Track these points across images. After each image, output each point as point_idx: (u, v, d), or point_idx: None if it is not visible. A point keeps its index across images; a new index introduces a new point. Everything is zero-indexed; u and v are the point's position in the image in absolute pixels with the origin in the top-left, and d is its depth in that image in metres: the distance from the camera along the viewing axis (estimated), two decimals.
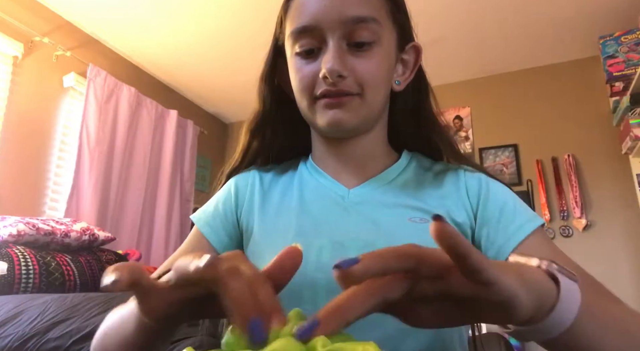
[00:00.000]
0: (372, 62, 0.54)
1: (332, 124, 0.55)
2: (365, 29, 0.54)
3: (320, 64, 0.54)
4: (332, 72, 0.52)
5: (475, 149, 2.91)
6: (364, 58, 0.54)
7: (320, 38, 0.54)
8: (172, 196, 2.93)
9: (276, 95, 0.65)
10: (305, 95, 0.56)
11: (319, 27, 0.54)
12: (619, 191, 2.51)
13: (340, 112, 0.54)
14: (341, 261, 0.27)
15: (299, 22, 0.55)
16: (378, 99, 0.57)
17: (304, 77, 0.56)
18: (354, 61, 0.54)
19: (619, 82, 2.26)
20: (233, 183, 0.66)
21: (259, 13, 2.33)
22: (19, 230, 1.62)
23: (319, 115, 0.56)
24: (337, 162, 0.63)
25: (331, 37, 0.53)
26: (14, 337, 1.12)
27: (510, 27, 2.48)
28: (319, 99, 0.55)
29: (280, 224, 0.58)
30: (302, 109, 0.59)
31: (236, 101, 3.34)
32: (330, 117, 0.55)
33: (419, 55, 0.63)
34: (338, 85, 0.53)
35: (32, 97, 2.23)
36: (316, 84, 0.55)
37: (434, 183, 0.60)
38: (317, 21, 0.54)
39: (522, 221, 0.54)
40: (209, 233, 0.61)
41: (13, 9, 2.14)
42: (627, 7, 2.25)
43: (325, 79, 0.53)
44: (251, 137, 0.66)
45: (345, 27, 0.53)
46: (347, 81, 0.53)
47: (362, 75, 0.54)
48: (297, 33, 0.55)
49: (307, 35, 0.55)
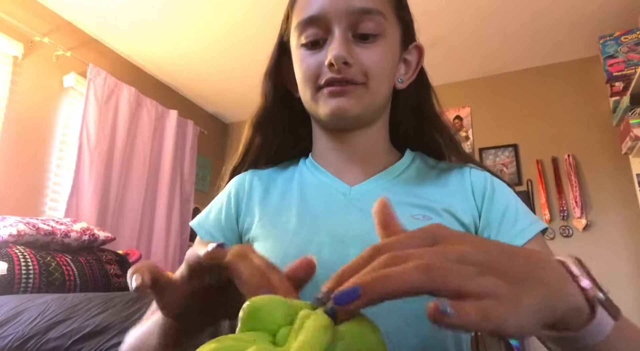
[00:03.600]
0: (377, 54, 0.55)
1: (335, 112, 0.55)
2: (371, 21, 0.55)
3: (326, 53, 0.54)
4: (339, 58, 0.52)
5: (475, 149, 2.91)
6: (368, 49, 0.55)
7: (326, 28, 0.55)
8: (172, 196, 2.93)
9: (279, 92, 0.65)
10: (309, 85, 0.57)
11: (326, 17, 0.55)
12: (619, 191, 2.51)
13: (344, 99, 0.55)
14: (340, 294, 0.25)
15: (305, 13, 0.56)
16: (381, 91, 0.58)
17: (309, 66, 0.56)
18: (359, 51, 0.55)
19: (619, 82, 2.26)
20: (231, 187, 0.66)
21: (259, 13, 2.33)
22: (19, 230, 1.62)
23: (322, 104, 0.56)
24: (339, 159, 0.63)
25: (337, 27, 0.54)
26: (14, 337, 1.12)
27: (510, 27, 2.48)
28: (322, 88, 0.56)
29: (281, 221, 0.59)
30: (305, 101, 0.60)
31: (236, 101, 3.34)
32: (333, 106, 0.55)
33: (421, 55, 0.64)
34: (343, 73, 0.54)
35: (32, 97, 2.23)
36: (321, 73, 0.55)
37: (438, 181, 0.60)
38: (324, 11, 0.55)
39: (524, 225, 0.54)
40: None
41: (13, 9, 2.14)
42: (627, 7, 2.25)
43: (330, 66, 0.53)
44: (254, 132, 0.67)
45: (352, 17, 0.54)
46: (352, 69, 0.54)
47: (367, 65, 0.55)
48: (303, 24, 0.56)
49: (313, 25, 0.56)
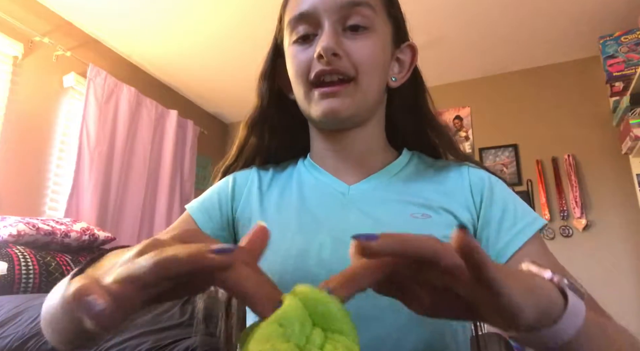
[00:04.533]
0: (366, 46, 0.56)
1: (327, 114, 0.55)
2: (360, 13, 0.55)
3: (315, 47, 0.55)
4: (327, 49, 0.53)
5: (475, 149, 2.91)
6: (358, 41, 0.55)
7: (316, 24, 0.56)
8: (172, 196, 2.93)
9: (274, 94, 0.65)
10: (301, 80, 0.57)
11: (316, 12, 0.55)
12: (619, 191, 2.51)
13: (336, 100, 0.55)
14: (360, 234, 0.28)
15: (296, 10, 0.57)
16: (373, 87, 0.58)
17: (300, 62, 0.57)
18: (348, 43, 0.55)
19: (619, 82, 2.26)
20: (232, 177, 0.66)
21: (259, 13, 2.33)
22: (19, 230, 1.62)
23: (315, 105, 0.56)
24: (336, 159, 0.63)
25: (327, 21, 0.55)
26: (14, 337, 1.12)
27: (510, 27, 2.48)
28: (314, 88, 0.56)
29: (280, 221, 0.58)
30: (299, 100, 0.60)
31: (236, 101, 3.34)
32: (325, 107, 0.55)
33: (415, 55, 0.64)
34: (333, 64, 0.54)
35: (32, 97, 2.23)
36: (311, 67, 0.56)
37: (436, 180, 0.60)
38: (313, 7, 0.55)
39: (523, 224, 0.54)
40: (200, 218, 0.62)
41: (13, 9, 2.14)
42: (627, 7, 2.25)
43: (320, 58, 0.54)
44: (248, 132, 0.67)
45: (341, 11, 0.55)
46: (342, 61, 0.54)
47: (357, 57, 0.55)
48: (294, 21, 0.57)
49: (303, 21, 0.56)
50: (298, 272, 0.52)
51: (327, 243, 0.53)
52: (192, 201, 0.65)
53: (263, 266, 0.30)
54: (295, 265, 0.52)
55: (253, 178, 0.66)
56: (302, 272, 0.52)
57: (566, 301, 0.32)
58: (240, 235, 0.63)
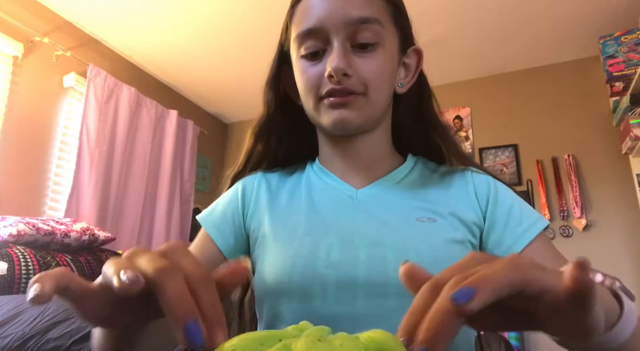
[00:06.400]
0: (376, 63, 0.56)
1: (337, 123, 0.56)
2: (369, 30, 0.55)
3: (325, 65, 0.55)
4: (338, 70, 0.53)
5: (475, 149, 2.91)
6: (367, 58, 0.55)
7: (324, 40, 0.56)
8: (172, 196, 2.93)
9: (280, 101, 0.66)
10: (311, 95, 0.57)
11: (324, 28, 0.55)
12: (619, 191, 2.51)
13: (345, 111, 0.56)
14: (456, 294, 0.24)
15: (304, 25, 0.56)
16: (382, 99, 0.58)
17: (309, 78, 0.57)
18: (358, 61, 0.55)
19: (619, 82, 2.26)
20: (240, 185, 0.67)
21: (260, 13, 2.33)
22: (19, 230, 1.62)
23: (324, 114, 0.57)
24: (343, 164, 0.64)
25: (336, 38, 0.55)
26: (14, 337, 1.12)
27: (510, 27, 2.48)
28: (324, 99, 0.56)
29: (289, 224, 0.59)
30: (308, 110, 0.60)
31: (236, 101, 3.34)
32: (335, 117, 0.56)
33: (421, 58, 0.64)
34: (343, 83, 0.54)
35: (32, 97, 2.23)
36: (321, 84, 0.56)
37: (441, 184, 0.62)
38: (322, 23, 0.55)
39: (529, 223, 0.55)
40: (215, 234, 0.62)
41: (13, 9, 2.14)
42: (627, 7, 2.25)
43: (330, 78, 0.54)
44: (255, 141, 0.68)
45: (349, 28, 0.54)
46: (352, 80, 0.55)
47: (366, 75, 0.55)
48: (302, 36, 0.57)
49: (312, 37, 0.56)
50: (307, 273, 0.53)
51: (336, 245, 0.54)
52: (206, 214, 0.66)
53: (272, 268, 0.30)
54: (304, 266, 0.53)
55: (260, 181, 0.67)
56: (311, 272, 0.53)
57: (621, 304, 0.31)
58: (250, 242, 0.63)
